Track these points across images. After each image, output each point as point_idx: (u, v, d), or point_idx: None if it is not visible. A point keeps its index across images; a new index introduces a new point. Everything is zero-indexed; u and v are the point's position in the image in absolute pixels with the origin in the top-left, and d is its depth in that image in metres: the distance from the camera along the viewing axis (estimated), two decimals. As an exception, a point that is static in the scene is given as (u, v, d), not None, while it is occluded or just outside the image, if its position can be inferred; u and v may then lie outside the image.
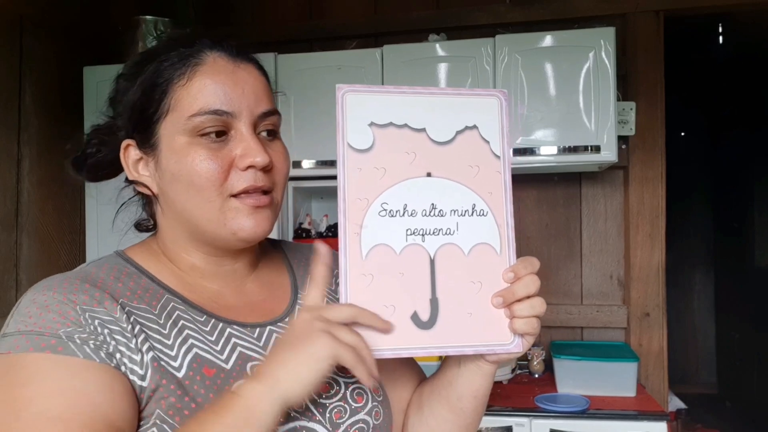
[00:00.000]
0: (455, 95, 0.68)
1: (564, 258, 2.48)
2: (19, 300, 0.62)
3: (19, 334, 0.56)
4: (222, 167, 0.65)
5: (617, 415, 1.86)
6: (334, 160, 2.19)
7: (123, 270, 0.67)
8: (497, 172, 0.68)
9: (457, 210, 0.66)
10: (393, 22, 2.58)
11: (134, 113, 0.68)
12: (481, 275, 0.66)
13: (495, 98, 0.69)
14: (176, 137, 0.66)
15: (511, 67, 2.11)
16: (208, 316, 0.67)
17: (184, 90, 0.66)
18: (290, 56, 2.26)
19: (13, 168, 2.12)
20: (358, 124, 0.64)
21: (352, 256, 0.62)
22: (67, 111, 2.35)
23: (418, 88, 0.67)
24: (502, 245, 0.67)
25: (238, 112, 0.66)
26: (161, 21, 2.41)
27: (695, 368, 4.86)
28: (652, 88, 2.37)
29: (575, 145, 2.07)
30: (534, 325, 0.65)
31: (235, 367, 0.64)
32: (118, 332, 0.59)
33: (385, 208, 0.64)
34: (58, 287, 0.60)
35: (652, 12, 2.37)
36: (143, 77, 0.67)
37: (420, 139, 0.66)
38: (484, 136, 0.68)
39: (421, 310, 0.63)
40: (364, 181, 0.64)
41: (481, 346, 0.65)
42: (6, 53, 2.11)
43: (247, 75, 0.68)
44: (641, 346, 2.34)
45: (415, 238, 0.64)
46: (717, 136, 4.74)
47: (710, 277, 4.90)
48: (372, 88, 0.66)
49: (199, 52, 0.67)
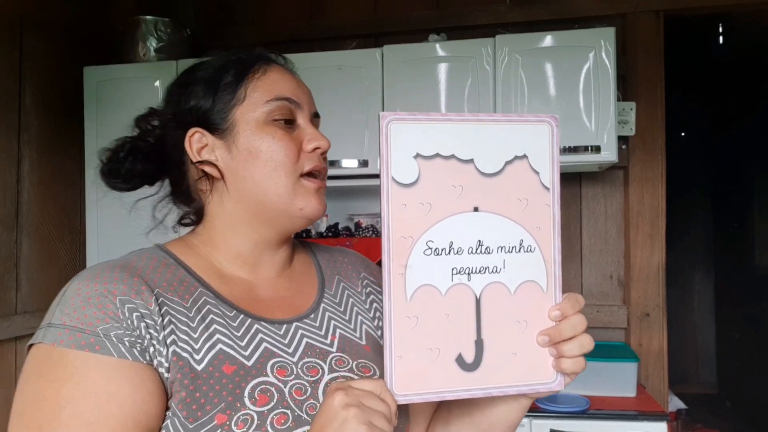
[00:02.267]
0: (504, 122, 0.64)
1: (564, 258, 2.45)
2: (65, 287, 0.65)
3: (63, 328, 0.61)
4: (296, 147, 0.73)
5: (617, 415, 1.86)
6: (334, 159, 2.19)
7: (162, 261, 0.72)
8: (546, 205, 0.65)
9: (504, 246, 0.64)
10: (393, 22, 2.58)
11: (206, 102, 0.74)
12: (527, 314, 0.64)
13: (546, 124, 0.65)
14: (253, 121, 0.73)
15: (511, 67, 2.11)
16: (237, 311, 0.70)
17: (259, 81, 0.74)
18: (290, 56, 2.25)
19: (13, 168, 2.12)
20: (403, 156, 0.61)
21: (396, 298, 0.60)
22: (67, 111, 2.35)
23: (466, 114, 0.64)
24: (548, 283, 0.65)
25: (303, 104, 0.76)
26: (161, 21, 2.41)
27: (695, 368, 4.86)
28: (652, 88, 2.37)
29: (575, 145, 2.07)
30: (582, 364, 0.65)
31: (256, 364, 0.66)
32: (152, 326, 0.63)
33: (431, 247, 0.61)
34: (100, 278, 0.64)
35: (652, 12, 2.38)
36: (212, 74, 0.75)
37: (467, 170, 0.63)
38: (534, 167, 0.64)
39: (465, 353, 0.62)
40: (409, 217, 0.61)
41: (524, 386, 0.64)
42: (6, 53, 2.11)
43: (301, 81, 0.79)
44: (641, 346, 2.34)
45: (461, 278, 0.62)
46: (717, 135, 4.74)
47: (710, 277, 4.90)
48: (417, 116, 0.62)
49: (267, 58, 0.78)
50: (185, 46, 2.47)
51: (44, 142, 2.26)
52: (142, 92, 2.28)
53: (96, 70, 2.33)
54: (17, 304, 2.12)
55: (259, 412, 0.62)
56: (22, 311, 2.13)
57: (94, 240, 2.33)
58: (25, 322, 2.12)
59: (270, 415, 0.62)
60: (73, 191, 2.41)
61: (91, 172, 2.34)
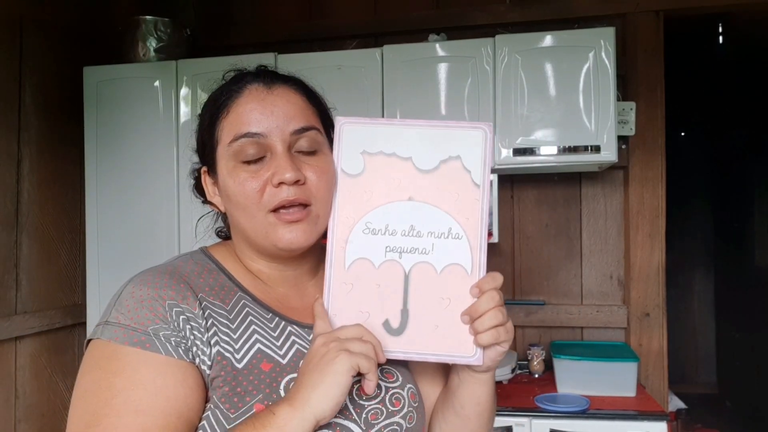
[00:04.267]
0: (442, 127, 0.74)
1: (564, 258, 2.48)
2: (120, 288, 0.72)
3: (118, 326, 0.67)
4: (259, 186, 0.73)
5: (617, 415, 1.86)
6: (334, 160, 2.19)
7: (205, 266, 0.77)
8: (476, 200, 0.73)
9: (434, 232, 0.72)
10: (393, 22, 2.58)
11: (199, 145, 0.81)
12: (451, 292, 0.72)
13: (480, 131, 0.74)
14: (226, 163, 0.76)
15: (511, 67, 2.11)
16: (273, 314, 0.76)
17: (226, 121, 0.76)
18: (290, 56, 2.26)
19: (13, 168, 2.12)
20: (351, 152, 0.74)
21: (336, 266, 0.71)
22: (67, 111, 2.35)
23: (409, 120, 0.74)
24: (473, 266, 0.72)
25: (268, 132, 0.74)
26: (161, 21, 2.41)
27: (695, 368, 4.86)
28: (652, 88, 2.37)
29: (575, 145, 2.07)
30: (497, 335, 0.71)
31: (290, 363, 0.72)
32: (196, 328, 0.69)
33: (369, 227, 0.72)
34: (152, 283, 0.70)
35: (652, 12, 2.38)
36: (203, 115, 0.80)
37: (406, 166, 0.73)
38: (466, 166, 0.73)
39: (392, 318, 0.70)
40: (352, 202, 0.73)
41: (444, 355, 0.71)
42: (6, 53, 2.11)
43: (278, 98, 0.76)
44: (641, 346, 2.34)
45: (393, 255, 0.72)
46: (717, 136, 4.73)
47: (710, 277, 4.90)
48: (366, 120, 0.74)
49: (240, 86, 0.77)
50: (185, 46, 2.47)
51: (44, 143, 2.26)
52: (142, 92, 2.28)
53: (96, 70, 2.33)
54: (17, 304, 2.12)
55: None
56: (22, 311, 2.13)
57: (94, 240, 2.33)
58: (25, 322, 2.12)
59: None
60: (73, 191, 2.41)
61: (92, 172, 2.34)
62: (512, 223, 2.52)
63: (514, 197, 2.53)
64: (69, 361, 2.37)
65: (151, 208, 2.28)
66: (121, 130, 2.27)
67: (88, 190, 2.35)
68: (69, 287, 2.39)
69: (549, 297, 2.46)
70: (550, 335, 2.45)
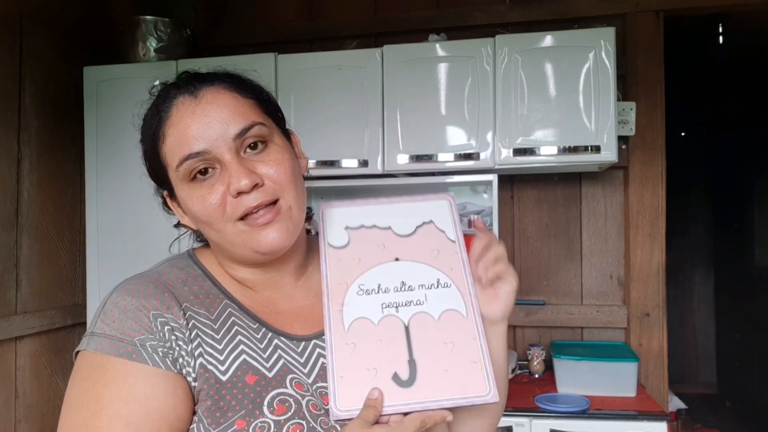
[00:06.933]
0: (411, 201, 0.82)
1: (564, 258, 2.48)
2: (104, 299, 0.71)
3: (104, 337, 0.67)
4: (219, 200, 0.71)
5: (617, 415, 1.86)
6: (334, 159, 2.19)
7: (191, 273, 0.76)
8: (455, 253, 0.78)
9: (424, 284, 0.76)
10: (393, 22, 2.58)
11: (151, 174, 0.78)
12: (453, 336, 0.73)
13: (445, 200, 0.82)
14: (181, 185, 0.74)
15: (511, 67, 2.11)
16: (260, 324, 0.74)
17: (165, 147, 0.73)
18: (290, 56, 2.26)
19: (13, 168, 2.12)
20: (335, 229, 0.80)
21: (335, 329, 0.72)
22: (67, 111, 2.35)
23: (382, 199, 0.82)
24: (468, 310, 0.75)
25: (210, 146, 0.70)
26: (161, 21, 2.41)
27: (695, 368, 4.86)
28: (652, 88, 2.37)
29: (575, 145, 2.07)
30: (502, 267, 0.75)
31: (276, 377, 0.70)
32: (181, 338, 0.68)
33: (362, 288, 0.75)
34: (135, 292, 0.69)
35: (652, 12, 2.38)
36: (144, 143, 0.77)
37: (387, 234, 0.79)
38: (440, 227, 0.80)
39: (400, 371, 0.70)
40: (343, 268, 0.76)
41: (459, 398, 0.70)
42: (6, 53, 2.11)
43: (209, 105, 0.71)
44: (641, 346, 2.34)
45: (390, 310, 0.73)
46: (717, 135, 4.73)
47: (710, 277, 4.90)
48: (344, 203, 0.82)
49: (168, 105, 0.73)
50: (185, 46, 2.47)
51: (44, 142, 2.26)
52: (142, 92, 2.26)
53: (96, 70, 2.33)
54: (17, 304, 2.12)
55: (276, 421, 0.66)
56: (22, 311, 2.13)
57: (94, 240, 2.33)
58: (24, 322, 2.12)
59: (287, 425, 0.66)
60: (73, 191, 2.41)
61: (92, 172, 2.34)
62: (512, 223, 2.52)
63: (514, 197, 2.53)
64: (69, 361, 2.36)
65: (151, 208, 2.27)
66: (122, 130, 2.27)
67: (88, 190, 2.35)
68: (69, 287, 2.39)
69: (549, 297, 2.46)
70: (550, 335, 2.45)
